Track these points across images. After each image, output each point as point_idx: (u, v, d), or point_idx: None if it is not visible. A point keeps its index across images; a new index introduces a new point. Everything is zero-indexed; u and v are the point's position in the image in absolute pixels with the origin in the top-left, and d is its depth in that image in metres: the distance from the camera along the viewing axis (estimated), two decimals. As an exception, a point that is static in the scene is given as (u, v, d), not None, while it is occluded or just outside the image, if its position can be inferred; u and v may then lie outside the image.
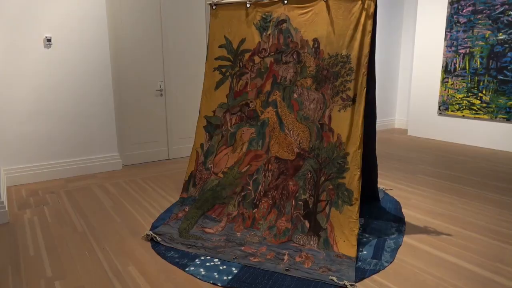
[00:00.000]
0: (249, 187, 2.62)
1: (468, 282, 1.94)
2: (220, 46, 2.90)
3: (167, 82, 4.43)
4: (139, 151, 4.35)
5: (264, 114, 2.70)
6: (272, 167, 2.60)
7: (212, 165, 2.79)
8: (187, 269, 2.02)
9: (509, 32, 4.93)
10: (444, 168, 4.24)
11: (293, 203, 2.46)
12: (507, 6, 4.93)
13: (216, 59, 2.91)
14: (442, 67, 5.72)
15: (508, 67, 4.97)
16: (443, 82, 5.73)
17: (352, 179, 2.33)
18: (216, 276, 1.94)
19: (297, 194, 2.47)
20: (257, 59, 2.77)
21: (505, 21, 4.96)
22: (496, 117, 5.16)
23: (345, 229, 2.25)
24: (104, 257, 2.18)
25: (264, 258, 2.11)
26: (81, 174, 3.86)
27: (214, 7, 2.92)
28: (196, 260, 2.11)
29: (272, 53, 2.71)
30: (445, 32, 5.64)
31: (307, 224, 2.36)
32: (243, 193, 2.62)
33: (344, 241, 2.21)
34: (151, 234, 2.37)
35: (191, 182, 2.81)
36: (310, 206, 2.40)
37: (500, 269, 2.07)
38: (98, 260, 2.15)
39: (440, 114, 5.84)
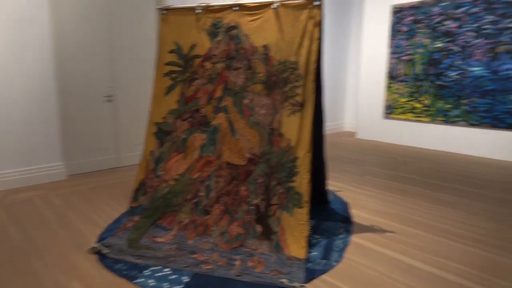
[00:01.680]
0: (201, 193, 2.60)
1: (411, 277, 2.05)
2: (170, 51, 2.86)
3: (117, 87, 4.29)
4: (87, 160, 4.16)
5: (216, 120, 2.69)
6: (224, 172, 2.60)
7: (163, 172, 2.74)
8: (136, 281, 1.96)
9: (445, 40, 5.31)
10: (389, 169, 4.47)
11: (245, 208, 2.47)
12: (443, 16, 5.30)
13: (166, 64, 2.86)
14: (387, 73, 6.04)
15: (445, 73, 5.35)
16: (388, 87, 6.04)
17: (302, 182, 2.39)
18: (167, 286, 1.90)
19: (249, 199, 2.48)
20: (208, 64, 2.76)
21: (442, 30, 5.34)
22: (435, 120, 5.53)
23: (295, 231, 2.30)
24: (46, 274, 2.06)
25: (216, 265, 2.10)
26: (22, 186, 3.62)
27: (164, 12, 2.87)
28: (146, 271, 2.05)
29: (223, 59, 2.71)
30: (389, 40, 5.96)
31: (259, 228, 2.38)
32: (194, 200, 2.59)
33: (294, 244, 2.26)
34: (98, 247, 2.28)
35: (141, 190, 2.74)
36: (262, 210, 2.43)
37: (440, 263, 2.22)
38: (38, 277, 2.03)
39: (385, 117, 6.15)
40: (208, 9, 2.74)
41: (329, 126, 7.06)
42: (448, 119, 5.39)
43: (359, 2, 6.87)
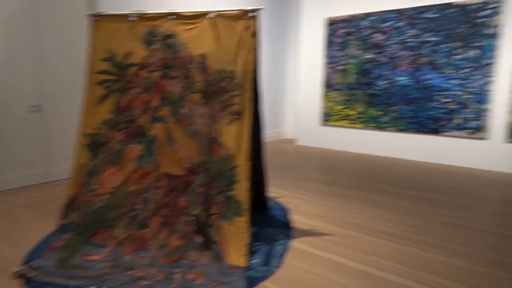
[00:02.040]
0: (138, 206, 2.51)
1: (347, 277, 2.15)
2: (103, 60, 2.74)
3: (46, 97, 4.01)
4: (13, 175, 3.82)
5: (153, 129, 2.62)
6: (162, 184, 2.53)
7: (96, 186, 2.60)
8: (66, 303, 1.83)
9: (374, 52, 5.69)
10: (327, 174, 4.66)
11: (185, 220, 2.42)
12: (372, 30, 5.68)
13: (98, 73, 2.74)
14: (323, 82, 6.32)
15: (375, 82, 5.72)
16: (325, 95, 6.32)
17: (242, 190, 2.40)
18: (101, 307, 1.80)
19: (189, 210, 2.44)
20: (143, 73, 2.68)
21: (371, 42, 5.72)
22: (368, 126, 5.88)
23: (236, 240, 2.30)
24: (-40, 304, 1.85)
25: (154, 280, 2.03)
26: None
27: (95, 19, 2.75)
28: (78, 292, 1.93)
29: (159, 68, 2.66)
30: (324, 51, 6.25)
31: (199, 239, 2.35)
32: (131, 214, 2.49)
33: (235, 252, 2.26)
34: (23, 270, 2.09)
35: (72, 206, 2.57)
36: (202, 220, 2.40)
37: (374, 261, 2.34)
38: (-49, 308, 1.82)
39: (323, 124, 6.41)
40: (142, 17, 2.68)
41: (270, 133, 7.20)
42: (379, 125, 5.76)
43: (295, 14, 7.14)
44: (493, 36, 4.71)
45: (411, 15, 5.30)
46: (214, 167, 2.48)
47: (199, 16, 2.60)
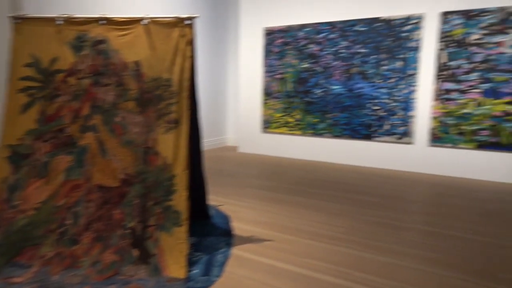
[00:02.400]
0: (67, 222, 2.35)
1: (285, 281, 2.19)
2: (26, 65, 2.55)
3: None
4: None
5: (83, 140, 2.49)
6: (95, 196, 2.40)
7: (20, 201, 2.39)
8: (-18, 333, 1.65)
9: (310, 61, 5.93)
10: (268, 180, 4.74)
11: (120, 233, 2.32)
12: (307, 40, 5.93)
13: (21, 79, 2.54)
14: (263, 90, 6.45)
15: (312, 91, 5.96)
16: (264, 103, 6.45)
17: (180, 200, 2.36)
18: (24, 333, 1.65)
19: (124, 223, 2.34)
20: (72, 80, 2.54)
21: (307, 52, 5.96)
22: (306, 132, 6.10)
23: (175, 251, 2.25)
24: None
25: (85, 299, 1.92)
26: None
27: (17, 21, 2.56)
28: (-3, 319, 1.75)
29: (90, 75, 2.54)
30: (263, 59, 6.39)
31: (135, 252, 2.26)
32: (60, 230, 2.33)
33: (174, 264, 2.21)
34: None
35: (-9, 224, 2.34)
36: (138, 233, 2.31)
37: (311, 264, 2.42)
38: None
39: (263, 131, 6.53)
40: (70, 21, 2.55)
41: (212, 141, 7.17)
42: (316, 132, 6.00)
43: (235, 23, 7.22)
44: (415, 49, 5.15)
45: (343, 28, 5.62)
46: (151, 177, 2.41)
47: (133, 22, 2.53)
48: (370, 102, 5.52)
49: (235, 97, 7.41)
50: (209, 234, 2.88)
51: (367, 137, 5.60)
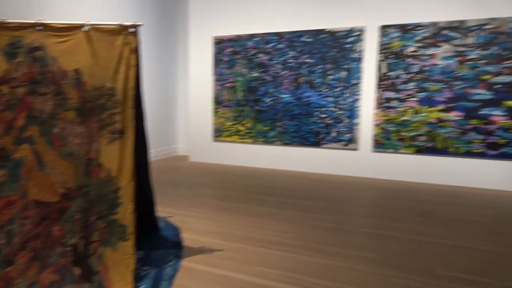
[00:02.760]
0: (0, 241, 2.17)
1: (235, 291, 2.19)
2: (-49, 72, 2.34)
3: None
4: None
5: (18, 152, 2.32)
6: (31, 213, 2.25)
7: None
8: None
9: (260, 70, 6.02)
10: (219, 189, 4.71)
11: (60, 251, 2.18)
12: (257, 50, 6.02)
13: None
14: (213, 98, 6.43)
15: (262, 99, 6.05)
16: (215, 112, 6.44)
17: (126, 213, 2.28)
18: None
19: (65, 240, 2.21)
20: (5, 89, 2.37)
21: (256, 61, 6.05)
22: (257, 141, 6.16)
23: (120, 267, 2.16)
24: None
25: (19, 325, 1.77)
26: None
27: None
28: None
29: (25, 83, 2.38)
30: (213, 68, 6.39)
31: (77, 271, 2.14)
32: (-9, 251, 2.15)
33: (120, 281, 2.12)
34: None
35: None
36: (80, 250, 2.19)
37: (261, 271, 2.43)
38: None
39: (215, 140, 6.51)
40: (2, 26, 2.38)
41: (162, 151, 7.01)
42: (267, 140, 6.09)
43: (184, 31, 7.16)
44: (358, 59, 5.42)
45: (290, 38, 5.79)
46: (93, 191, 2.30)
47: (72, 28, 2.42)
48: (317, 110, 5.70)
49: (185, 106, 7.32)
50: (158, 247, 2.80)
51: (316, 144, 5.77)
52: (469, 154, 4.96)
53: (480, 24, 4.78)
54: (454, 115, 4.97)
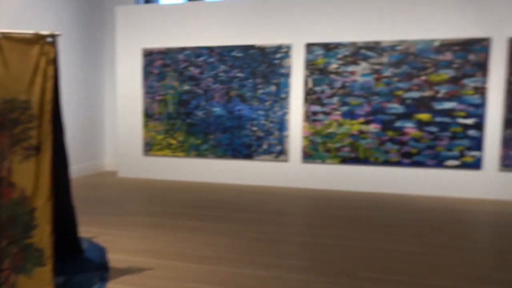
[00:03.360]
0: None
1: (165, 310, 2.12)
2: None
3: None
4: None
5: None
6: None
7: None
8: None
9: (191, 84, 5.99)
10: (151, 205, 4.56)
11: (-38, 283, 1.95)
12: (187, 63, 5.99)
13: None
14: (143, 111, 6.24)
15: (194, 113, 6.01)
16: (145, 125, 6.25)
17: (43, 236, 2.11)
18: None
19: (-32, 270, 1.97)
20: None
21: (187, 75, 6.01)
22: (189, 154, 6.08)
23: (36, 295, 1.99)
24: None
25: None
26: None
27: None
28: None
29: None
30: (142, 80, 6.22)
31: (-17, 304, 1.92)
32: None
33: (35, 310, 1.94)
34: None
35: None
36: (-12, 280, 1.97)
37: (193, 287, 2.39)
38: None
39: (145, 154, 6.29)
40: None
41: (88, 166, 6.60)
42: (199, 153, 6.04)
43: (111, 42, 6.89)
44: (286, 75, 5.65)
45: (221, 53, 5.86)
46: (5, 213, 2.09)
47: (-21, 36, 2.21)
48: (249, 123, 5.82)
49: (113, 119, 6.99)
50: (81, 270, 2.61)
51: (248, 156, 5.86)
52: (387, 163, 5.40)
53: (393, 45, 5.29)
54: (373, 127, 5.40)
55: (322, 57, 5.51)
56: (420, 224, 3.90)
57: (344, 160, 5.53)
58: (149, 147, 6.27)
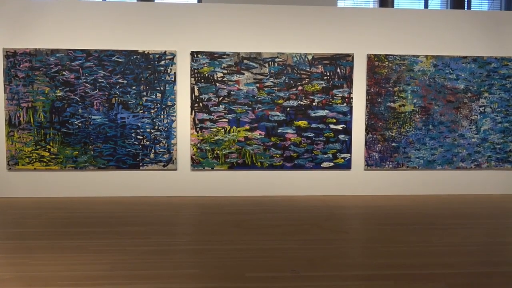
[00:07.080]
0: None
1: None
2: None
3: None
4: None
5: None
6: None
7: None
8: None
9: (65, 89, 5.45)
10: (15, 227, 3.99)
11: None
12: (60, 67, 5.44)
13: None
14: (6, 120, 5.44)
15: (69, 121, 5.48)
16: (9, 136, 5.45)
17: None
18: None
19: None
20: None
21: (61, 79, 5.45)
22: (65, 167, 5.51)
23: None
24: None
25: None
26: None
27: None
28: None
29: None
30: (4, 85, 5.42)
31: None
32: None
33: None
34: None
35: None
36: None
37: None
38: None
39: (10, 169, 5.48)
40: None
41: None
42: (77, 165, 5.52)
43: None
44: (172, 82, 5.57)
45: (99, 57, 5.48)
46: None
47: None
48: (134, 132, 5.55)
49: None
50: None
51: (135, 166, 5.58)
52: (272, 167, 5.73)
53: (272, 57, 5.66)
54: (258, 134, 5.68)
55: (207, 66, 5.59)
56: (301, 222, 4.24)
57: (232, 166, 5.68)
58: (15, 161, 5.47)
